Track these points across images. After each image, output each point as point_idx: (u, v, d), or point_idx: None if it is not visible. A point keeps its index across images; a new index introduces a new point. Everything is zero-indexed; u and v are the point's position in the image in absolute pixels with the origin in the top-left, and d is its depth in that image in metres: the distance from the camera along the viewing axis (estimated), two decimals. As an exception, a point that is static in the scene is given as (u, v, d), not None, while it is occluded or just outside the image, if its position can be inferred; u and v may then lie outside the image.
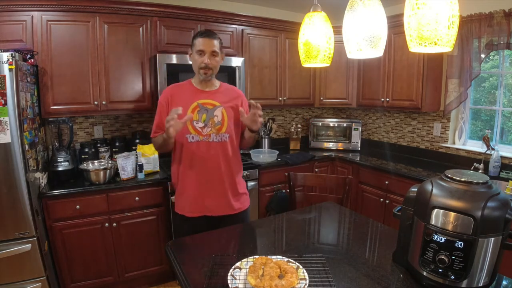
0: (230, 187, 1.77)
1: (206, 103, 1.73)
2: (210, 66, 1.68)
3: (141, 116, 2.98)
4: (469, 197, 0.99)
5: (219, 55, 1.73)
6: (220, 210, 1.76)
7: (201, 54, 1.67)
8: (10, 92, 1.79)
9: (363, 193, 3.07)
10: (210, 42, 1.67)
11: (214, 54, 1.69)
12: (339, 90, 3.54)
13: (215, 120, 1.72)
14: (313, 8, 1.46)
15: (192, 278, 1.15)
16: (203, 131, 1.70)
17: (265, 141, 3.46)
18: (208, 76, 1.71)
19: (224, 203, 1.76)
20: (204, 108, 1.71)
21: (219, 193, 1.75)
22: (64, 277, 2.23)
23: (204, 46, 1.66)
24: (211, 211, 1.75)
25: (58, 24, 2.28)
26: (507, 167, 2.52)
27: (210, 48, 1.67)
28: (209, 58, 1.68)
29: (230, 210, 1.78)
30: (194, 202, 1.74)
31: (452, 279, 1.00)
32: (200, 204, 1.74)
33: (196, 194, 1.73)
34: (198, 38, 1.68)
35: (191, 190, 1.73)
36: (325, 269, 1.15)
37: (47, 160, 2.46)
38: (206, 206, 1.74)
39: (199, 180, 1.72)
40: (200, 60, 1.67)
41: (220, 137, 1.73)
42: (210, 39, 1.67)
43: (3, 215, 1.85)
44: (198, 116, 1.70)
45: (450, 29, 0.96)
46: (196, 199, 1.73)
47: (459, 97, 2.75)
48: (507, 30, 2.36)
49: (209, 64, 1.68)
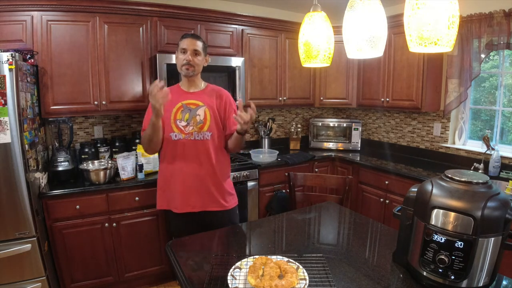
0: (213, 184, 1.81)
1: (190, 103, 1.80)
2: (192, 63, 1.75)
3: (141, 116, 2.97)
4: (469, 197, 0.99)
5: (202, 55, 1.80)
6: (203, 206, 1.80)
7: (184, 53, 1.76)
8: (10, 92, 1.79)
9: (363, 193, 3.07)
10: (193, 42, 1.76)
11: (196, 52, 1.77)
12: (339, 90, 3.55)
13: (197, 119, 1.78)
14: (313, 8, 1.46)
15: (192, 278, 1.15)
16: (186, 129, 1.76)
17: (265, 141, 3.46)
18: (190, 72, 1.77)
19: (207, 200, 1.80)
20: (187, 108, 1.79)
21: (202, 190, 1.79)
22: (64, 277, 2.23)
23: (186, 45, 1.75)
24: (193, 207, 1.79)
25: (58, 24, 2.28)
26: (507, 167, 2.52)
27: (192, 47, 1.75)
28: (191, 55, 1.75)
29: (212, 207, 1.82)
30: (179, 199, 1.78)
31: (452, 279, 1.00)
32: (184, 201, 1.78)
33: (180, 191, 1.78)
34: (182, 39, 1.78)
35: (175, 186, 1.78)
36: (325, 269, 1.15)
37: (47, 160, 2.45)
38: (189, 202, 1.78)
39: (182, 177, 1.77)
40: (182, 58, 1.76)
41: (202, 135, 1.78)
42: (192, 39, 1.77)
43: (3, 215, 1.85)
44: (182, 116, 1.77)
45: (450, 29, 0.96)
46: (180, 195, 1.78)
47: (459, 97, 2.75)
48: (507, 30, 2.36)
49: (190, 61, 1.75)
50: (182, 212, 1.79)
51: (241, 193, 2.66)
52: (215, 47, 2.86)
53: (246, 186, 2.79)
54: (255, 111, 1.59)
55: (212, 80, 1.91)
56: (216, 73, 2.81)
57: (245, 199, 2.78)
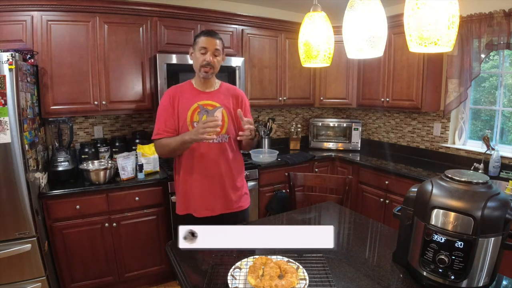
0: (231, 187, 1.78)
1: (206, 104, 1.73)
2: (212, 64, 1.68)
3: (141, 116, 2.98)
4: (469, 197, 0.99)
5: (221, 55, 1.73)
6: (221, 209, 1.77)
7: (204, 52, 1.68)
8: (10, 92, 1.79)
9: (363, 193, 3.07)
10: (213, 41, 1.68)
11: (216, 53, 1.69)
12: (339, 90, 3.54)
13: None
14: (313, 8, 1.46)
15: (192, 278, 1.15)
16: None
17: (265, 141, 3.46)
18: (209, 74, 1.71)
19: (225, 203, 1.77)
20: (204, 109, 1.72)
21: (220, 193, 1.76)
22: (64, 277, 2.23)
23: (207, 44, 1.67)
24: (213, 210, 1.76)
25: (58, 24, 2.28)
26: (507, 167, 2.52)
27: (213, 47, 1.67)
28: (211, 56, 1.68)
29: (230, 209, 1.79)
30: (198, 203, 1.75)
31: (452, 279, 1.00)
32: (204, 205, 1.75)
33: (199, 195, 1.74)
34: (202, 37, 1.68)
35: (194, 190, 1.74)
36: (325, 269, 1.15)
37: (47, 160, 2.45)
38: (208, 206, 1.75)
39: (201, 180, 1.73)
40: (202, 58, 1.67)
41: (220, 138, 1.74)
42: (213, 38, 1.68)
43: (3, 215, 1.85)
44: (199, 117, 1.71)
45: (450, 29, 0.96)
46: (199, 199, 1.74)
47: (459, 97, 2.75)
48: (507, 30, 2.36)
49: (211, 62, 1.68)
50: (202, 216, 1.75)
51: (241, 193, 2.65)
52: (215, 47, 2.86)
53: (246, 186, 2.79)
54: (249, 122, 1.58)
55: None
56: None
57: (245, 199, 2.78)
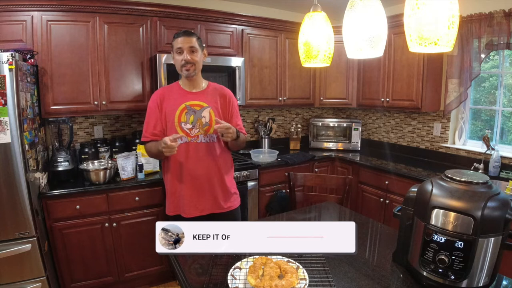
0: (220, 187, 1.79)
1: (193, 105, 1.74)
2: (191, 61, 1.69)
3: (141, 116, 2.97)
4: (469, 197, 0.99)
5: (199, 51, 1.74)
6: (210, 209, 1.78)
7: (180, 52, 1.70)
8: (10, 92, 1.79)
9: (363, 193, 3.07)
10: (187, 39, 1.69)
11: (192, 49, 1.70)
12: (339, 90, 3.54)
13: (203, 121, 1.74)
14: (313, 8, 1.46)
15: (192, 278, 1.15)
16: (191, 132, 1.72)
17: (265, 141, 3.46)
18: (191, 72, 1.71)
19: (214, 203, 1.79)
20: (191, 110, 1.73)
21: (210, 193, 1.77)
22: (64, 277, 2.23)
23: (181, 44, 1.68)
24: (202, 210, 1.77)
25: (58, 24, 2.28)
26: (507, 167, 2.52)
27: (187, 44, 1.68)
28: (188, 54, 1.69)
29: (221, 209, 1.80)
30: (187, 203, 1.75)
31: (452, 279, 1.00)
32: (193, 205, 1.76)
33: (188, 195, 1.75)
34: (175, 39, 1.71)
35: (182, 191, 1.75)
36: (325, 269, 1.15)
37: (47, 160, 2.45)
38: (197, 206, 1.76)
39: (189, 180, 1.74)
40: (180, 58, 1.69)
41: (208, 138, 1.75)
42: (186, 37, 1.70)
43: (3, 215, 1.85)
44: (186, 118, 1.72)
45: (450, 29, 0.96)
46: (188, 200, 1.75)
47: (459, 97, 2.75)
48: (507, 30, 2.36)
49: (189, 59, 1.69)
50: (191, 216, 1.76)
51: (241, 193, 2.62)
52: (215, 47, 2.86)
53: (246, 186, 2.78)
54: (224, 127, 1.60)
55: (212, 80, 1.89)
56: (216, 73, 2.81)
57: (245, 199, 2.78)
